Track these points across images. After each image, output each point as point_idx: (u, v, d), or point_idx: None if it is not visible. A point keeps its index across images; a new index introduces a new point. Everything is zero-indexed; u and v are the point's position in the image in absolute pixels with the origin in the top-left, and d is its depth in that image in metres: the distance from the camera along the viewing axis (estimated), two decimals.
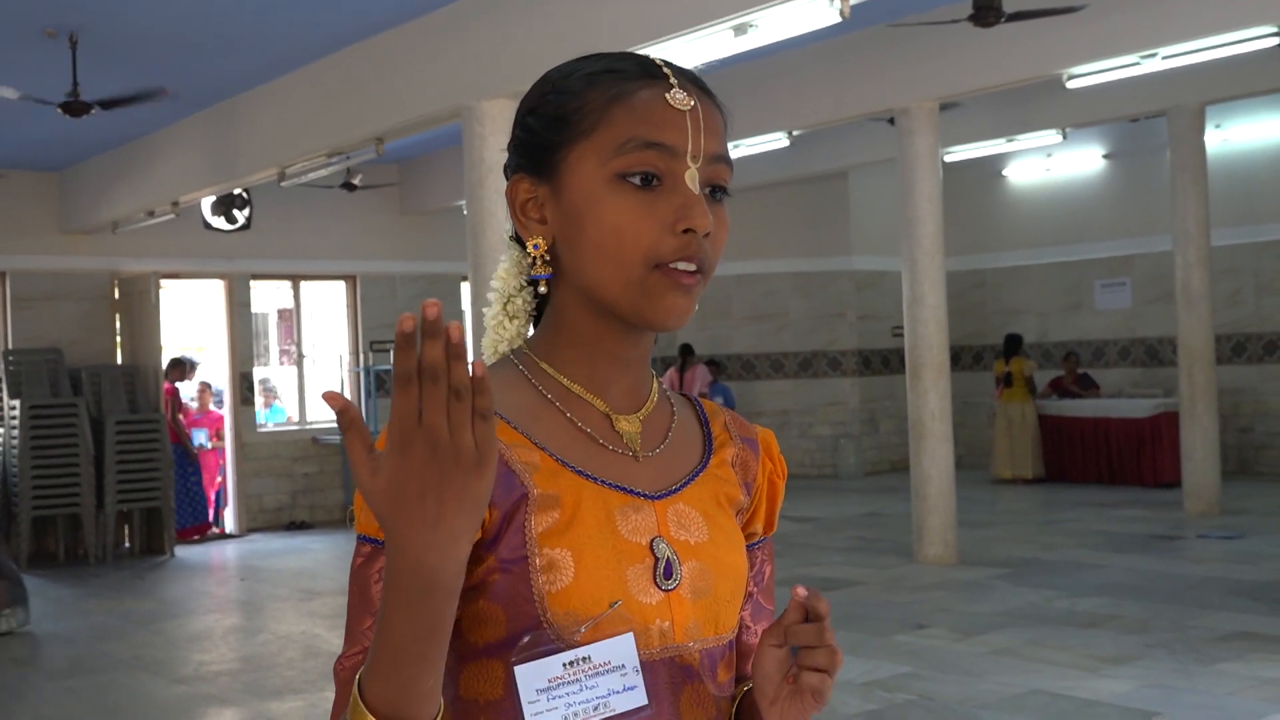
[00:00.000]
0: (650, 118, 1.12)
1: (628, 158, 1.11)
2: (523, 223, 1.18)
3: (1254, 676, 5.71)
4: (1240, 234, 13.51)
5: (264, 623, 8.35)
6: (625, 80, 1.14)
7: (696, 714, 1.15)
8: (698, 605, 1.15)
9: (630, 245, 1.10)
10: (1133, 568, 8.54)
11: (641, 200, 1.11)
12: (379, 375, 13.42)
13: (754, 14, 6.02)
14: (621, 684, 1.08)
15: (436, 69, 7.84)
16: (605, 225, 1.11)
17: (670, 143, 1.11)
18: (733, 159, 1.17)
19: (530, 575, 1.09)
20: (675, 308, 1.12)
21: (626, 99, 1.13)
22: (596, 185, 1.12)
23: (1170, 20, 7.86)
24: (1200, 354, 10.77)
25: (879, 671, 6.07)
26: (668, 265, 1.10)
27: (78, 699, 6.37)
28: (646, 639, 1.11)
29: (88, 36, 7.82)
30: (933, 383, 9.06)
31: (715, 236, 1.13)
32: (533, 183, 1.17)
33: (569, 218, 1.14)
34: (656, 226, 1.10)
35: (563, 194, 1.14)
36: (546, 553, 1.09)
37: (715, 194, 1.15)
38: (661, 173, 1.11)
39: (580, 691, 1.07)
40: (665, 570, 1.14)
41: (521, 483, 1.11)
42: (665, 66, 1.16)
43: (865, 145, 12.29)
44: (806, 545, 10.08)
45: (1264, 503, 11.37)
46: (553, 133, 1.15)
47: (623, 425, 1.19)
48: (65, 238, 12.29)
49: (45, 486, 11.01)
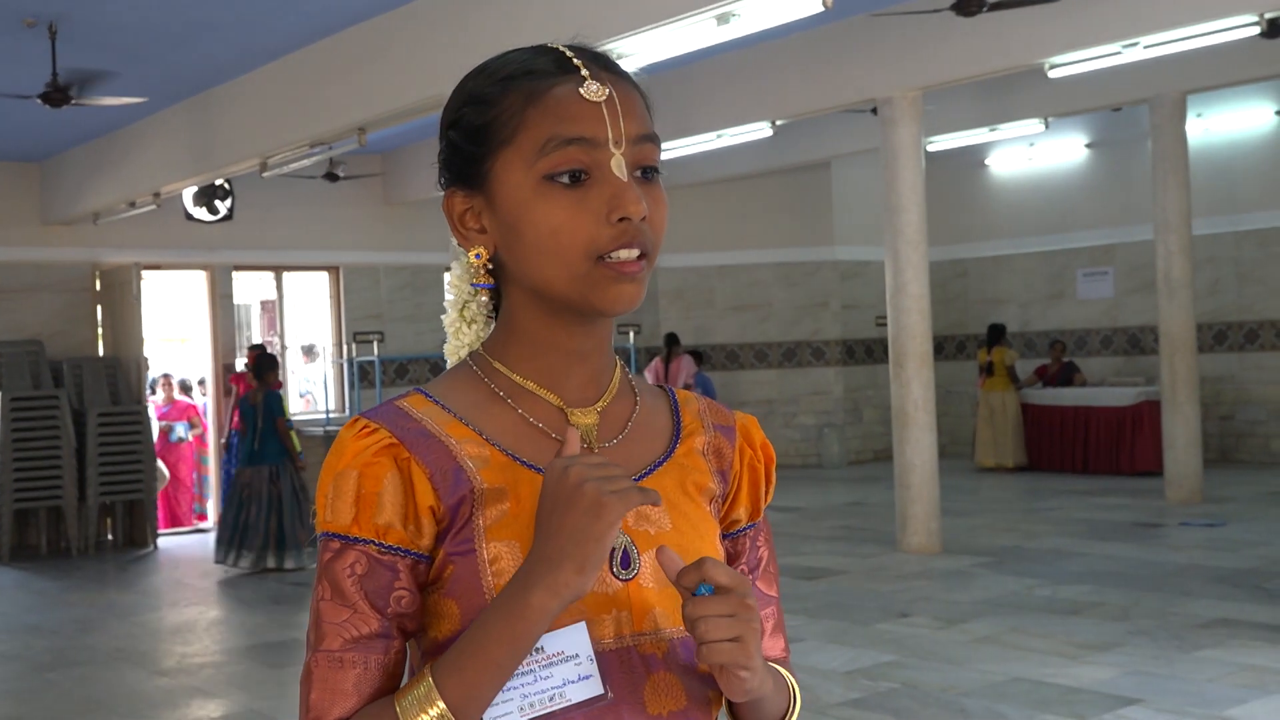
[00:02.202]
0: (566, 114, 1.12)
1: (551, 158, 1.12)
2: (463, 234, 1.20)
3: (1234, 663, 5.74)
4: (1221, 223, 13.56)
5: (244, 616, 8.32)
6: (537, 80, 1.14)
7: (664, 703, 1.14)
8: (663, 594, 1.15)
9: (568, 243, 1.11)
10: (1114, 556, 8.58)
11: (572, 197, 1.12)
12: (361, 366, 13.39)
13: (736, 3, 6.01)
14: (576, 673, 1.08)
15: (418, 58, 7.81)
16: (541, 228, 1.12)
17: (590, 135, 1.12)
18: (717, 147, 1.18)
19: (479, 568, 1.11)
20: (623, 296, 1.12)
21: (540, 100, 1.13)
22: (526, 191, 1.13)
23: (1152, 9, 7.87)
24: (1182, 342, 10.81)
25: (862, 660, 6.08)
26: (609, 258, 1.11)
27: (60, 691, 6.35)
28: (602, 628, 1.12)
29: (67, 26, 7.77)
30: (916, 372, 9.08)
31: (653, 217, 1.14)
32: (466, 195, 1.18)
33: (506, 225, 1.15)
34: (591, 220, 1.11)
35: (496, 203, 1.16)
36: (494, 545, 1.11)
37: (647, 174, 1.15)
38: (587, 166, 1.12)
39: (535, 682, 1.07)
40: (622, 560, 1.14)
41: (469, 478, 1.12)
42: (576, 58, 1.16)
43: (848, 135, 12.29)
44: (790, 534, 10.10)
45: (1245, 490, 11.43)
46: (475, 145, 1.16)
47: (577, 418, 1.19)
48: (46, 229, 12.22)
49: (27, 479, 10.96)
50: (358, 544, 1.10)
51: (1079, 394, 13.70)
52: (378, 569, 1.10)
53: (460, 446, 1.14)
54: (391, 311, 13.79)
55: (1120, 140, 14.21)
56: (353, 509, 1.10)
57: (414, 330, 13.78)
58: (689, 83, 9.96)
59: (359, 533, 1.10)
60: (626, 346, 14.41)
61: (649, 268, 1.14)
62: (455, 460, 1.13)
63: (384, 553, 1.10)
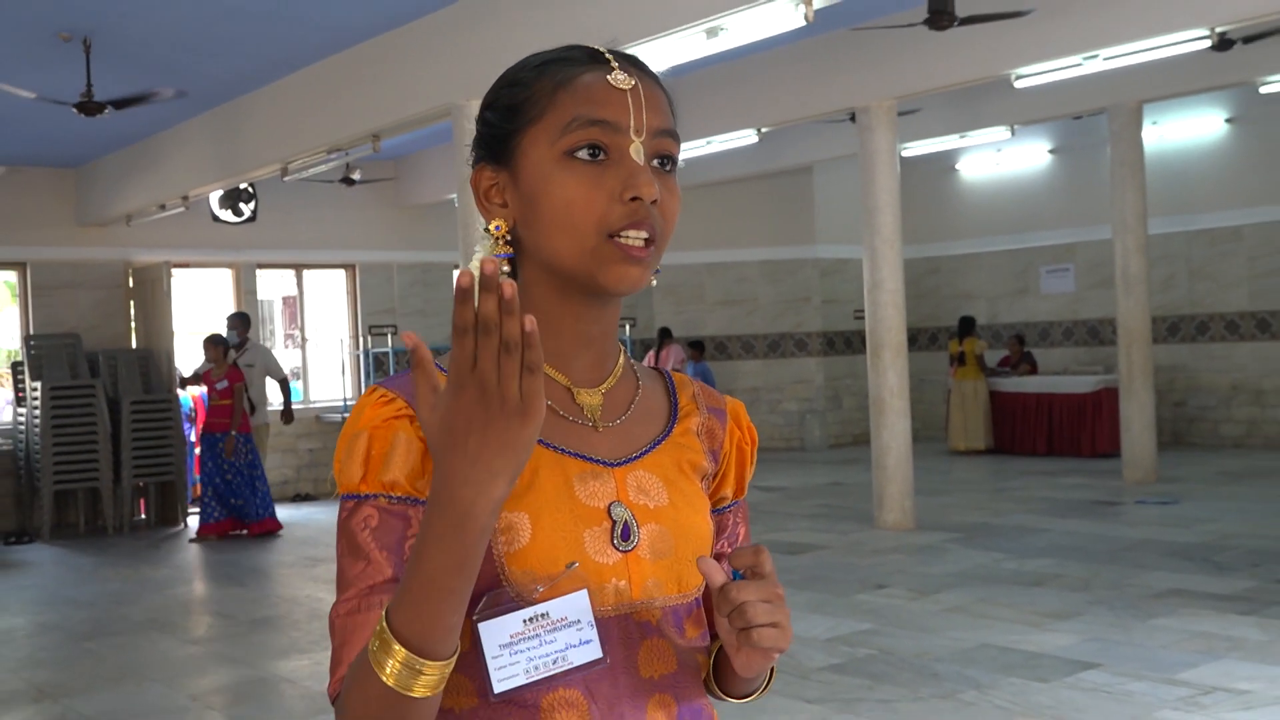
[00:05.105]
0: (593, 98, 1.12)
1: (574, 135, 1.11)
2: (486, 207, 1.18)
3: (1186, 630, 5.76)
4: (1175, 223, 13.58)
5: (271, 587, 8.33)
6: (570, 67, 1.14)
7: (656, 666, 1.14)
8: (658, 565, 1.15)
9: (581, 215, 1.10)
10: (1075, 531, 8.59)
11: (590, 173, 1.11)
12: (377, 357, 13.38)
13: (724, 18, 6.01)
14: (578, 638, 1.08)
15: (429, 71, 7.80)
16: (558, 200, 1.11)
17: (613, 119, 1.11)
18: (707, 152, 1.17)
19: (492, 535, 1.08)
20: (628, 275, 1.11)
21: (570, 84, 1.13)
22: (548, 164, 1.12)
23: (1111, 24, 7.87)
24: (1138, 334, 10.82)
25: (842, 628, 6.09)
26: (619, 237, 1.10)
27: (97, 658, 6.35)
28: (603, 596, 1.11)
29: (100, 40, 7.75)
30: (891, 362, 9.08)
31: (666, 206, 1.13)
32: (493, 170, 1.17)
33: (526, 198, 1.14)
34: (605, 197, 1.10)
35: (519, 177, 1.15)
36: (505, 516, 1.09)
37: (664, 165, 1.15)
38: (607, 146, 1.11)
39: (540, 646, 1.06)
40: (623, 532, 1.13)
41: None
42: (607, 53, 1.16)
43: (828, 142, 12.28)
44: (775, 512, 10.11)
45: (1196, 471, 11.45)
46: (507, 122, 1.16)
47: (584, 398, 1.18)
48: (82, 230, 12.19)
49: (66, 462, 10.95)
50: (368, 500, 1.09)
51: (1043, 382, 13.71)
52: (389, 520, 1.08)
53: None
54: (404, 306, 13.78)
55: (1081, 146, 14.21)
56: (362, 469, 1.09)
57: (425, 323, 13.77)
58: (680, 92, 9.79)
59: (367, 489, 1.09)
60: (623, 338, 14.41)
61: (657, 254, 1.13)
62: None
63: (393, 503, 1.08)
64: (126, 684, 5.82)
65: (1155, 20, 7.69)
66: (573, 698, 1.09)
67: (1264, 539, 7.94)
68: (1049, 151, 14.85)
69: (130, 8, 7.29)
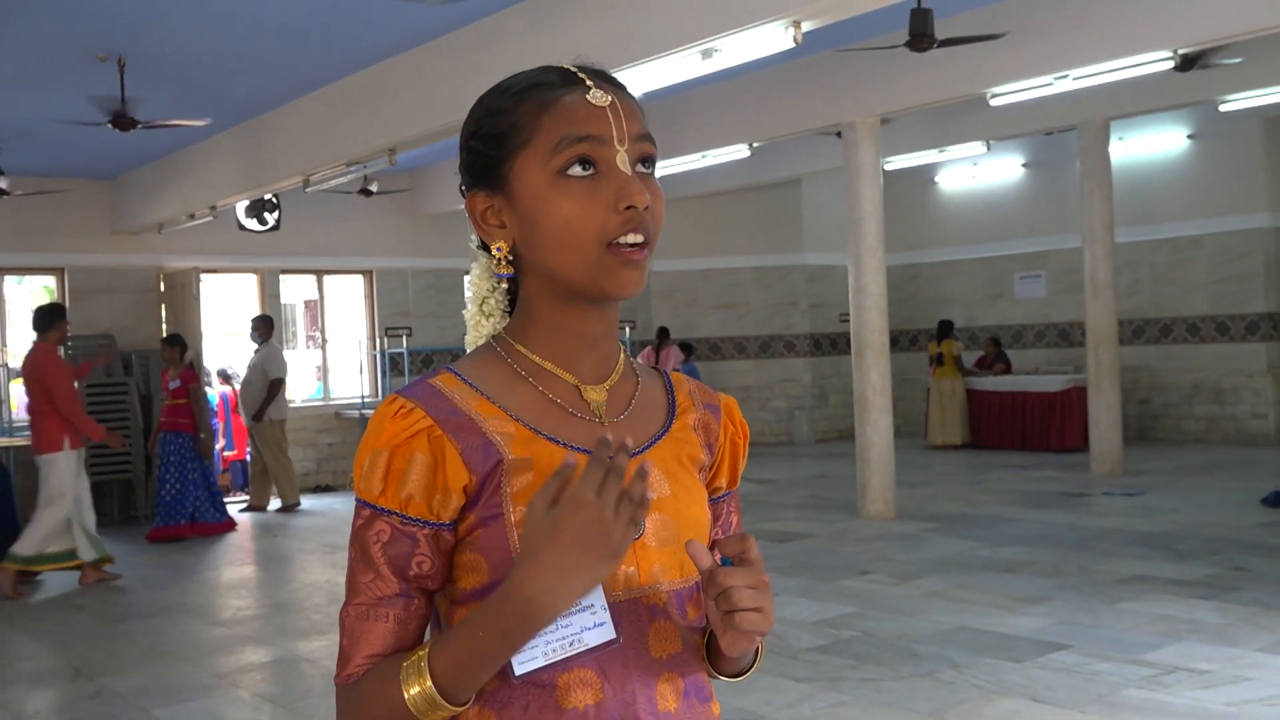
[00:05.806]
0: (575, 117, 1.12)
1: (564, 154, 1.11)
2: (485, 230, 1.19)
3: (1150, 614, 5.76)
4: (1140, 232, 13.58)
5: (293, 573, 8.33)
6: (548, 90, 1.14)
7: (664, 646, 1.15)
8: (663, 552, 1.15)
9: (581, 230, 1.11)
10: (1046, 521, 8.59)
11: (583, 189, 1.11)
12: (392, 357, 13.38)
13: (718, 40, 6.00)
14: (592, 621, 1.08)
15: (442, 88, 7.79)
16: (557, 218, 1.11)
17: (597, 134, 1.12)
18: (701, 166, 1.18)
19: (507, 530, 1.10)
20: (629, 280, 1.12)
21: (552, 106, 1.13)
22: (542, 186, 1.12)
23: (1080, 46, 7.86)
24: (1105, 336, 10.82)
25: (827, 612, 6.09)
26: (617, 243, 1.11)
27: (129, 640, 6.35)
28: (614, 582, 1.12)
29: (134, 60, 7.74)
30: (875, 362, 9.08)
31: (653, 208, 1.14)
32: (486, 195, 1.18)
33: (524, 219, 1.14)
34: (601, 209, 1.11)
35: (515, 200, 1.15)
36: (520, 509, 1.10)
37: (646, 166, 1.15)
38: (595, 160, 1.12)
39: (556, 629, 1.07)
40: None
41: (498, 451, 1.12)
42: (581, 72, 1.16)
43: (816, 156, 12.28)
44: (765, 503, 10.10)
45: (1159, 465, 11.45)
46: (495, 149, 1.16)
47: (590, 395, 1.18)
48: (116, 238, 12.18)
49: (101, 456, 10.93)
50: (384, 514, 1.10)
51: (1016, 381, 13.71)
52: (400, 538, 1.10)
53: (489, 423, 1.12)
54: (418, 309, 13.77)
55: (1052, 160, 14.20)
56: (382, 483, 1.10)
57: (438, 326, 13.76)
58: (677, 110, 9.94)
59: (385, 504, 1.10)
60: (623, 339, 14.37)
61: (649, 255, 1.14)
62: (485, 436, 1.12)
63: (405, 524, 1.10)
64: (156, 663, 5.82)
65: (1122, 42, 7.69)
66: (588, 677, 1.10)
67: (1223, 528, 7.93)
68: (1022, 165, 14.85)
69: (163, 30, 7.28)
